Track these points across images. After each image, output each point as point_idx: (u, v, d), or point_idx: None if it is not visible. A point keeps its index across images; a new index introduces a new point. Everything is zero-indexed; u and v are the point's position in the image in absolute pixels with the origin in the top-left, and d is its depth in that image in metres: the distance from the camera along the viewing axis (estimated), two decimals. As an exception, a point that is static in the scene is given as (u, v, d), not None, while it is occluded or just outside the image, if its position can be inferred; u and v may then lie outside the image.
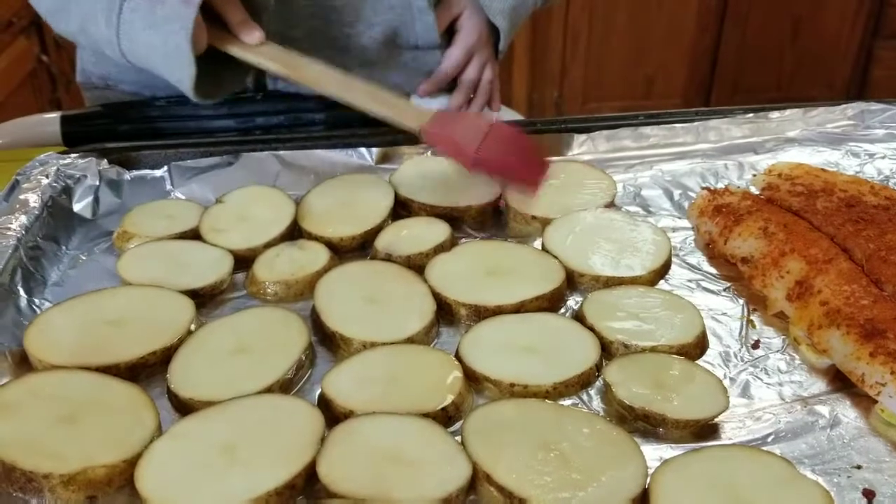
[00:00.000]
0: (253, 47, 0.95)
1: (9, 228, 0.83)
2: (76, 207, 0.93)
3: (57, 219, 0.89)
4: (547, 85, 3.13)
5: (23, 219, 0.85)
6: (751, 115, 1.07)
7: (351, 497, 0.59)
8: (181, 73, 0.92)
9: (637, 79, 3.18)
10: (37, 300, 0.80)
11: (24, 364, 0.72)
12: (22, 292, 0.79)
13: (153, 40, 0.92)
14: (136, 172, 0.98)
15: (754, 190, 0.94)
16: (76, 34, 1.03)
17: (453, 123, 0.92)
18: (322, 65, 0.96)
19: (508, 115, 1.30)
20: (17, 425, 0.63)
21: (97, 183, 0.95)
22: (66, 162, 0.95)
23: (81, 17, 0.99)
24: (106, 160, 0.97)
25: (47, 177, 0.92)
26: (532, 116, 3.09)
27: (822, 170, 0.94)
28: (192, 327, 0.75)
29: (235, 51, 0.95)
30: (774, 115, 1.07)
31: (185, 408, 0.68)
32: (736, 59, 3.16)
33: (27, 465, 0.59)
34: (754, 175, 0.97)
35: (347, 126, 1.23)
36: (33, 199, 0.88)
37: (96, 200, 0.94)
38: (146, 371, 0.72)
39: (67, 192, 0.93)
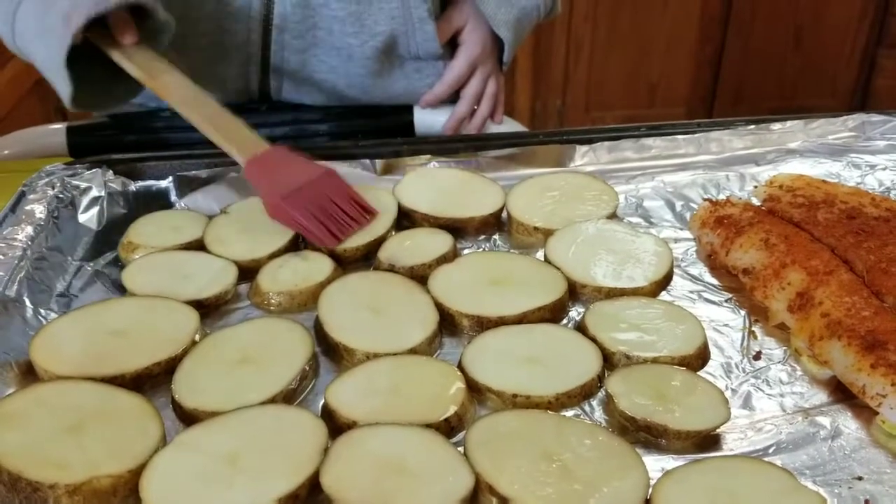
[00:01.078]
0: (123, 48, 0.95)
1: (15, 239, 0.84)
2: (82, 218, 0.93)
3: (63, 230, 0.90)
4: (550, 94, 3.14)
5: (29, 230, 0.86)
6: (752, 126, 1.08)
7: (354, 508, 0.59)
8: (60, 86, 0.94)
9: (640, 87, 3.19)
10: (42, 311, 0.80)
11: (30, 374, 0.73)
12: (28, 303, 0.80)
13: (39, 49, 0.95)
14: (141, 183, 0.99)
15: (755, 201, 0.95)
16: None
17: (276, 164, 0.91)
18: (182, 78, 0.96)
19: (511, 125, 1.31)
20: (23, 435, 0.63)
21: (103, 194, 0.96)
22: (71, 173, 0.96)
23: None
24: (111, 171, 0.98)
25: (53, 188, 0.93)
26: (535, 125, 3.10)
27: (823, 181, 0.94)
28: (197, 338, 0.76)
29: (109, 50, 0.95)
30: (776, 126, 1.08)
31: (189, 418, 0.68)
32: (739, 67, 3.17)
33: (33, 475, 0.60)
34: (756, 186, 0.98)
35: (351, 137, 1.24)
36: (39, 210, 0.89)
37: (102, 211, 0.95)
38: (151, 381, 0.72)
39: (73, 203, 0.93)
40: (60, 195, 0.92)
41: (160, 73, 0.95)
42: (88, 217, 0.94)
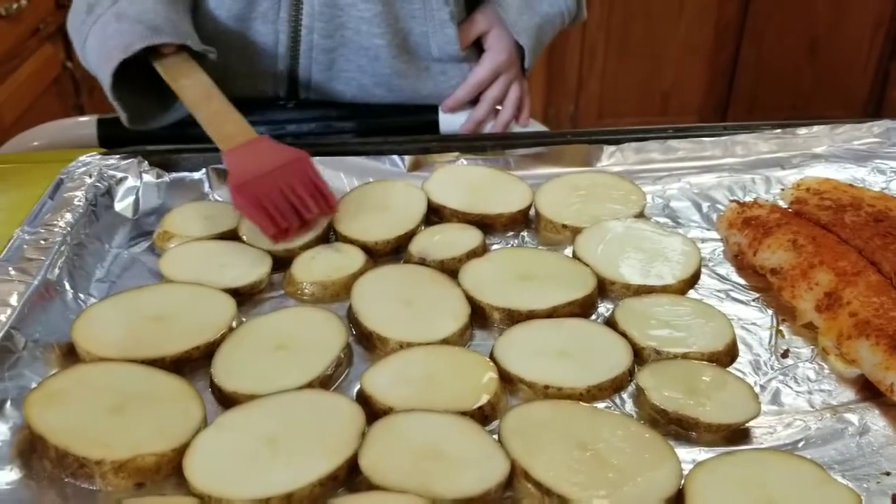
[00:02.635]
0: (163, 57, 1.02)
1: (55, 225, 0.86)
2: (118, 207, 0.95)
3: (100, 217, 0.91)
4: (563, 99, 3.16)
5: (68, 216, 0.87)
6: (778, 130, 1.09)
7: (392, 489, 0.60)
8: (119, 111, 1.04)
9: (653, 95, 3.21)
10: (82, 295, 0.82)
11: (70, 356, 0.74)
12: (68, 287, 0.81)
13: (100, 75, 1.04)
14: (174, 175, 1.00)
15: (782, 204, 0.96)
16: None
17: (250, 153, 0.93)
18: (200, 80, 1.01)
19: (536, 128, 1.32)
20: (69, 413, 0.65)
21: (138, 184, 0.97)
22: (108, 163, 0.97)
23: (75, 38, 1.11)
24: (146, 162, 1.00)
25: (90, 177, 0.95)
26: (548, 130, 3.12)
27: (850, 185, 0.95)
28: (234, 324, 0.77)
29: (151, 58, 1.01)
30: (801, 131, 1.09)
31: (227, 401, 0.69)
32: (753, 77, 3.19)
33: (80, 452, 0.61)
34: (782, 189, 0.99)
35: (377, 135, 1.25)
36: (77, 198, 0.91)
37: (137, 201, 0.96)
38: (189, 365, 0.73)
39: (110, 192, 0.95)
40: (98, 184, 0.94)
41: (181, 77, 1.01)
42: (124, 206, 0.95)
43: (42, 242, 0.83)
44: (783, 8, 3.06)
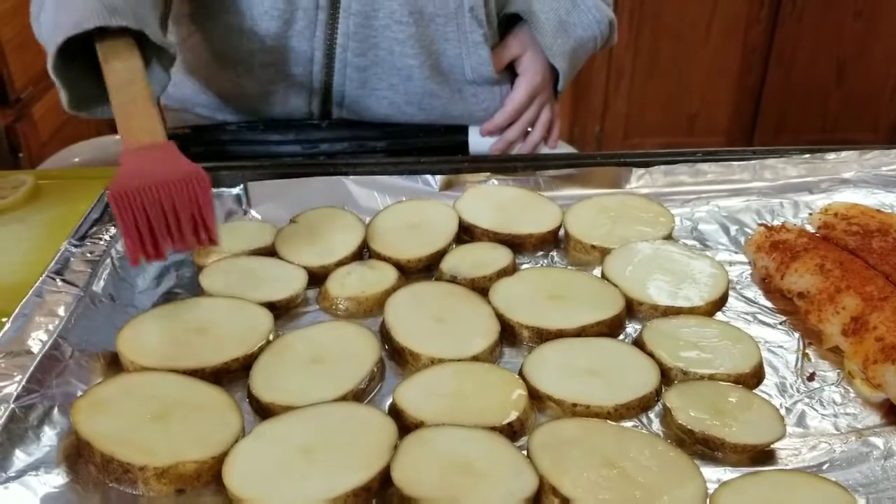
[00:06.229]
0: (110, 39, 0.90)
1: (101, 239, 0.89)
2: (159, 222, 0.98)
3: (143, 231, 0.94)
4: (589, 119, 3.17)
5: (112, 230, 0.91)
6: (807, 155, 1.10)
7: (424, 501, 0.62)
8: (58, 87, 0.93)
9: (680, 116, 3.22)
10: (125, 306, 0.84)
11: (114, 365, 0.77)
12: (112, 298, 0.84)
13: (47, 48, 0.92)
14: (213, 191, 1.02)
15: (810, 228, 0.97)
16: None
17: (150, 157, 0.82)
18: (130, 66, 0.88)
19: (564, 150, 1.34)
20: (114, 420, 0.67)
21: (178, 199, 1.00)
22: (150, 178, 1.00)
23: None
24: (186, 178, 1.02)
25: (133, 192, 0.97)
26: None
27: (878, 210, 0.96)
28: (271, 337, 0.80)
29: (96, 40, 0.90)
30: (830, 156, 1.10)
31: (265, 411, 0.72)
32: (780, 99, 3.18)
33: (125, 458, 0.64)
34: (810, 214, 1.00)
35: (408, 154, 1.28)
36: (121, 212, 0.94)
37: (177, 216, 0.99)
38: (228, 376, 0.76)
39: (151, 207, 0.98)
40: (140, 199, 0.97)
41: (114, 58, 0.89)
42: (165, 221, 0.98)
43: (88, 255, 0.86)
44: (811, 31, 3.06)
